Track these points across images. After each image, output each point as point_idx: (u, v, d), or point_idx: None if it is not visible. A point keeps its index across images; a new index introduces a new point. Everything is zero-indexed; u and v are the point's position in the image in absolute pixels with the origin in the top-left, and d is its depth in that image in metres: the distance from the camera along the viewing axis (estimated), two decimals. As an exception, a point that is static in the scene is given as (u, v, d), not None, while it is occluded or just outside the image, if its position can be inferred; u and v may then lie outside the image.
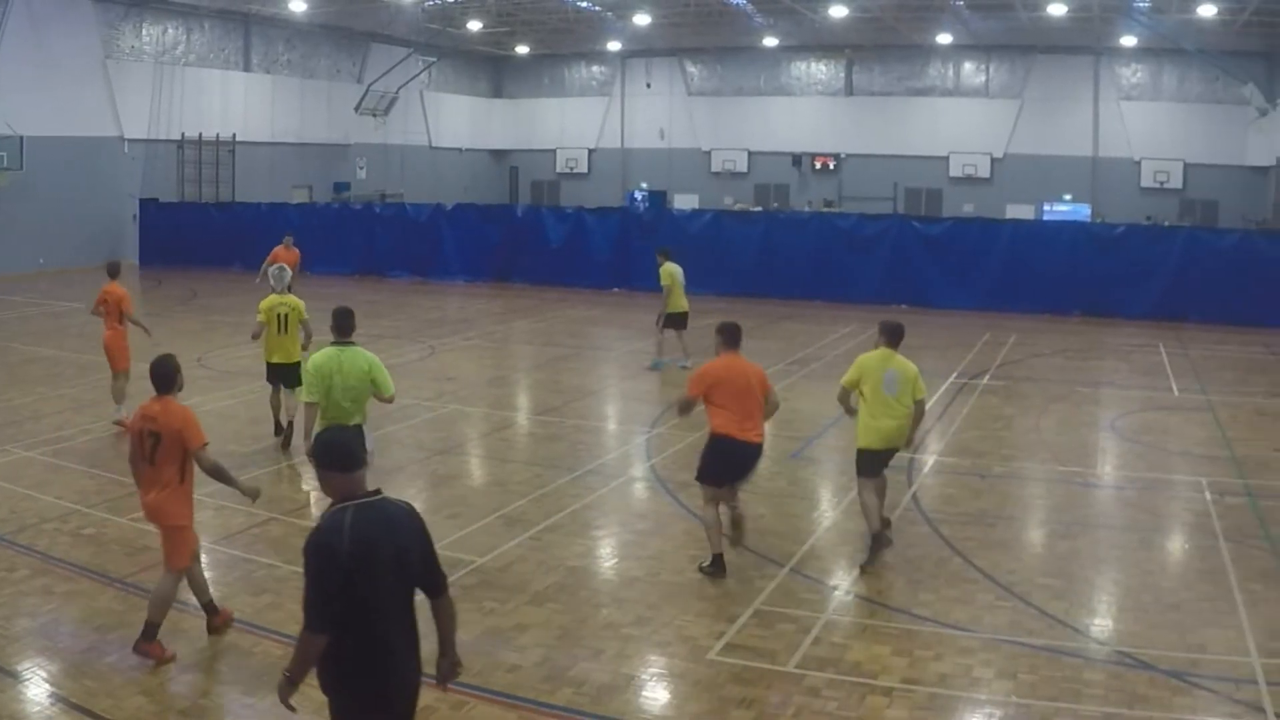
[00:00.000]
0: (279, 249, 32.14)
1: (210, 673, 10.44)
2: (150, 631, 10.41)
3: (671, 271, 26.25)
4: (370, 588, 6.70)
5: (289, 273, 19.98)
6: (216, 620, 11.05)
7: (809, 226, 43.40)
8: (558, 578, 12.85)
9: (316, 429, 13.06)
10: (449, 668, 7.70)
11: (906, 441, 14.12)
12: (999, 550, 14.03)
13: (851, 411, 14.02)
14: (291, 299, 18.80)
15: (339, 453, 6.89)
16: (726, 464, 13.41)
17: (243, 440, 18.94)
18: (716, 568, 12.91)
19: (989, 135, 65.63)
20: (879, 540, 13.41)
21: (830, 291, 39.19)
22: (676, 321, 26.13)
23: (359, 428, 13.53)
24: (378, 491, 7.03)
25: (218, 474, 10.74)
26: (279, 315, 18.42)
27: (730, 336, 13.65)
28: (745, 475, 13.87)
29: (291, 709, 7.16)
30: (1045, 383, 25.90)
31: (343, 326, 14.04)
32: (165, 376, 10.74)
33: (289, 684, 7.00)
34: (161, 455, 10.45)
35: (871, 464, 13.77)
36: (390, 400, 14.36)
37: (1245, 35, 54.47)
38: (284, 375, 18.50)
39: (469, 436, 20.20)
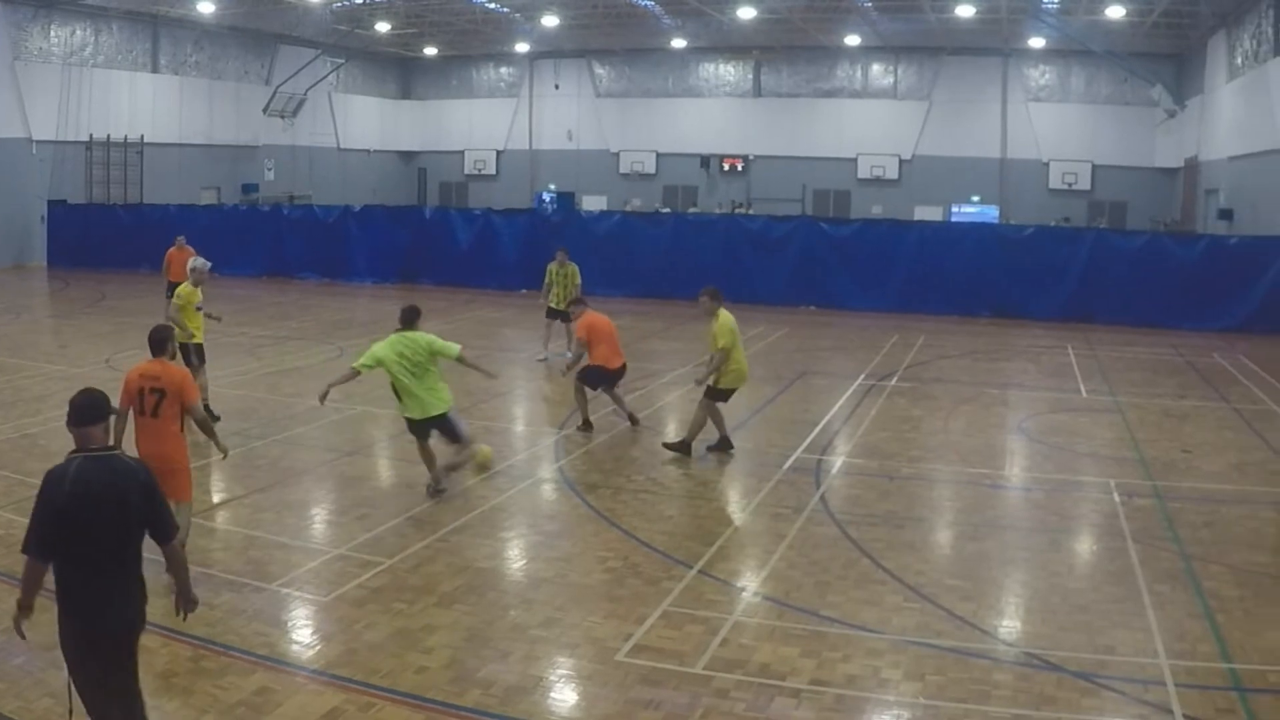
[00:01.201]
0: (172, 250, 31.78)
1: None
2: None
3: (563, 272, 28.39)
4: (85, 524, 7.48)
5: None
6: None
7: (717, 228, 43.48)
8: (466, 579, 12.74)
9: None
10: (183, 603, 8.64)
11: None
12: (907, 551, 14.02)
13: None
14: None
15: (75, 409, 7.83)
16: (604, 376, 19.73)
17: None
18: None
19: (897, 137, 66.24)
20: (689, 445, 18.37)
21: (739, 293, 38.97)
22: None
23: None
24: (114, 448, 8.04)
25: (204, 426, 12.63)
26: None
27: (579, 304, 20.73)
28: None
29: (22, 636, 7.79)
30: (954, 384, 26.05)
31: (408, 318, 16.35)
32: (161, 342, 12.29)
33: (18, 609, 7.77)
34: (165, 409, 11.93)
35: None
36: (458, 359, 16.23)
37: (1153, 37, 55.21)
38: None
39: (377, 438, 19.99)
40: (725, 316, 18.19)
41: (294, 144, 66.14)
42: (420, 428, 16.00)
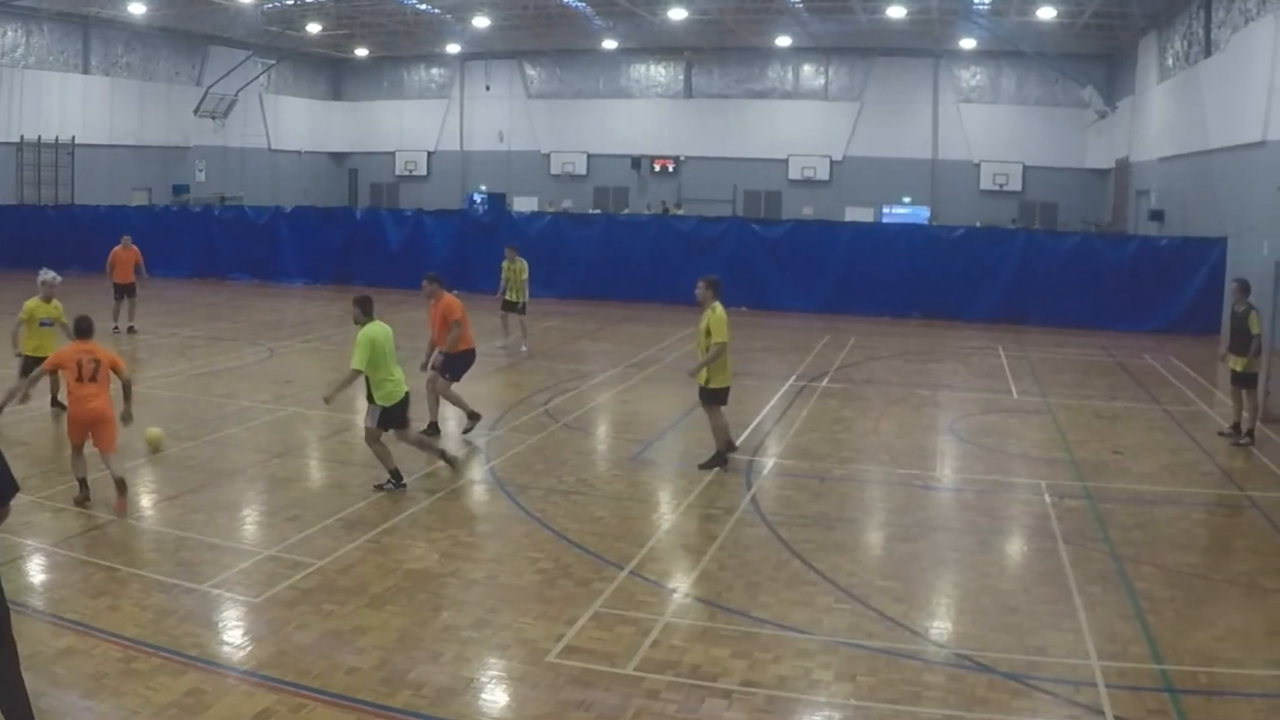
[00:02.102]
0: (118, 249, 31.59)
1: (47, 674, 10.09)
2: (120, 486, 14.95)
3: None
4: None
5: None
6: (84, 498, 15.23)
7: (648, 229, 43.59)
8: (397, 580, 12.70)
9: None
10: None
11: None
12: (838, 553, 14.05)
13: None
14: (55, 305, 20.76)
15: None
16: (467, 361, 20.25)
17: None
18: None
19: (828, 138, 66.63)
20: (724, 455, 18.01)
21: (670, 294, 39.17)
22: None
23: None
24: None
25: (129, 388, 15.71)
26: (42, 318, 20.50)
27: (433, 282, 20.33)
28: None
29: None
30: (885, 385, 26.17)
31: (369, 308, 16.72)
32: (88, 329, 15.89)
33: None
34: (100, 375, 15.21)
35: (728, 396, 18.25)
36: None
37: (1084, 38, 55.70)
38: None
39: (308, 439, 19.92)
40: (721, 310, 17.99)
41: (225, 145, 65.93)
42: (394, 414, 16.45)
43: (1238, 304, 21.16)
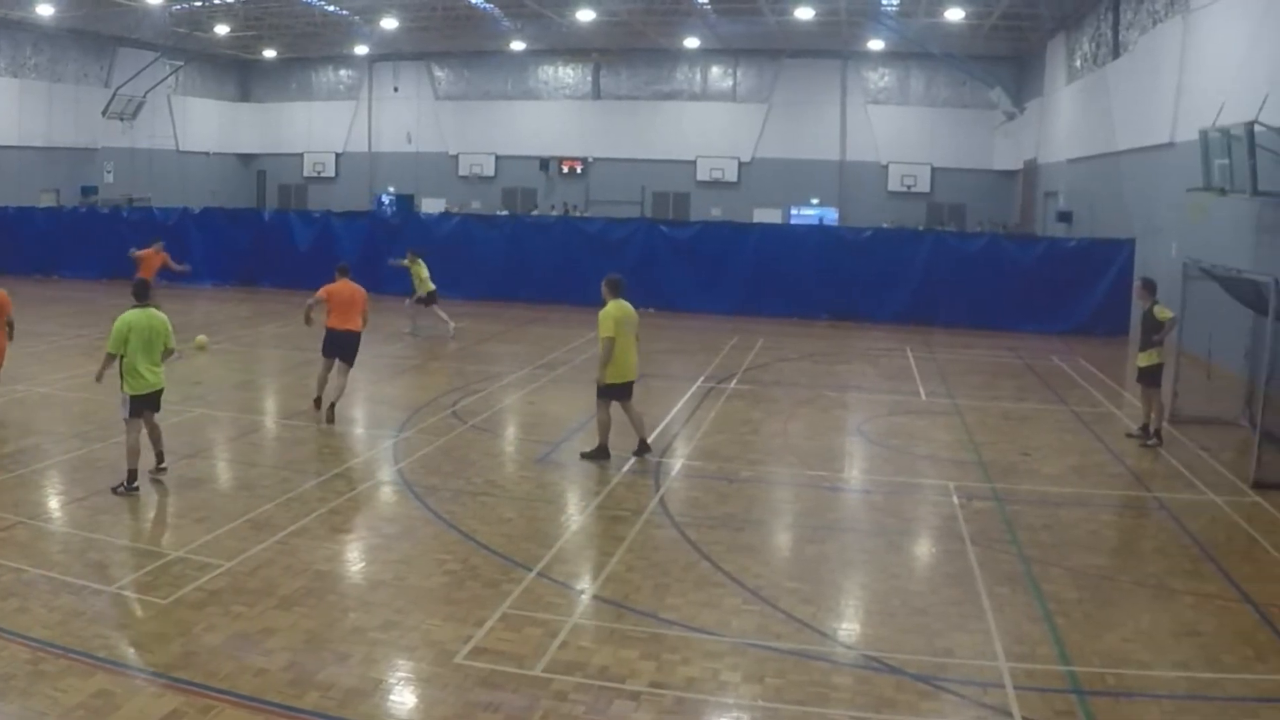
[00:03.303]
0: (148, 250, 31.62)
1: (-47, 677, 10.03)
2: None
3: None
4: None
5: None
6: None
7: (555, 230, 43.49)
8: (305, 582, 12.64)
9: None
10: None
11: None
12: (746, 554, 14.07)
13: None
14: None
15: None
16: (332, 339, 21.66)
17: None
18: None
19: (736, 139, 67.00)
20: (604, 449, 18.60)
21: (578, 295, 39.07)
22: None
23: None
24: None
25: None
26: None
27: (344, 271, 22.57)
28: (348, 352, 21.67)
29: None
30: (792, 386, 26.27)
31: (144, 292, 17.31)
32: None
33: None
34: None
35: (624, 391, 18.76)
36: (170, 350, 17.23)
37: (992, 39, 56.26)
38: None
39: (216, 441, 19.74)
40: (611, 307, 18.46)
41: (133, 146, 65.45)
42: (146, 401, 16.68)
43: (1143, 302, 21.43)
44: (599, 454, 18.49)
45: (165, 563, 13.12)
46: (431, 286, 32.56)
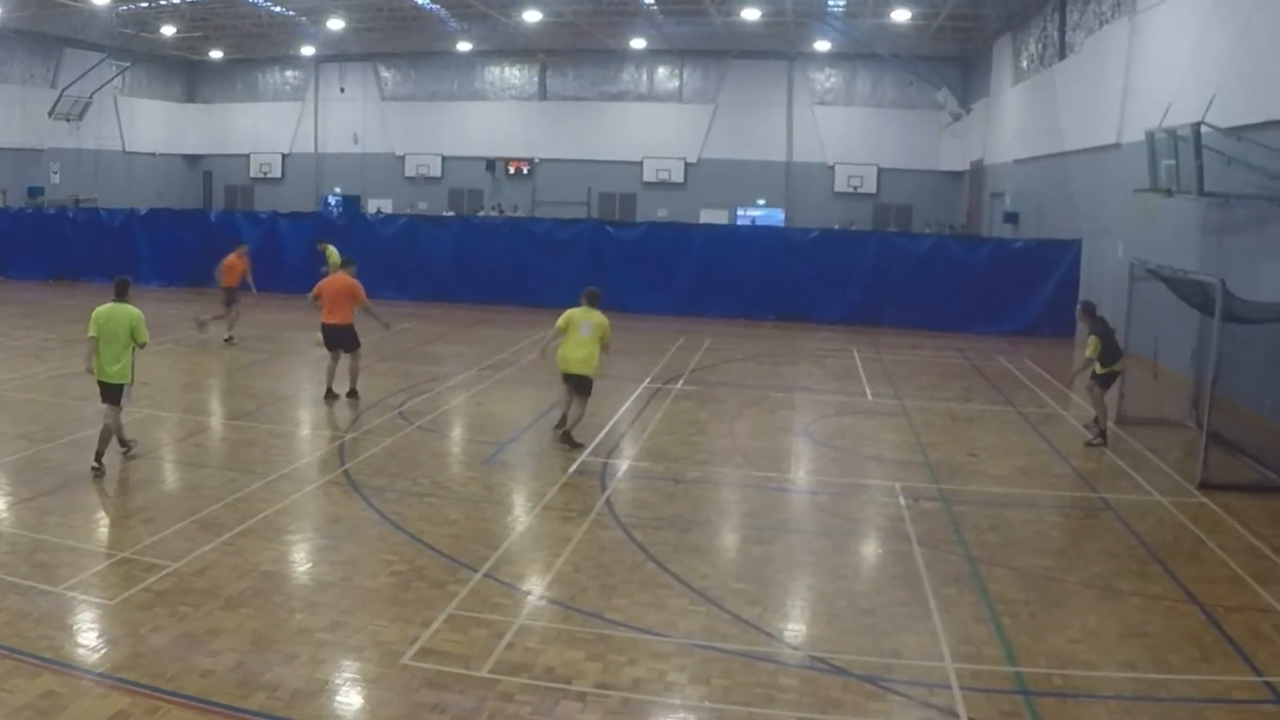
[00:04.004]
0: (231, 257, 31.57)
1: None
2: None
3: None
4: None
5: None
6: None
7: (502, 231, 43.36)
8: (251, 583, 12.63)
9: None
10: None
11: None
12: (693, 555, 14.09)
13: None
14: None
15: None
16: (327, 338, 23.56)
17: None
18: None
19: (683, 140, 67.11)
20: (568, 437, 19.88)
21: (525, 296, 39.28)
22: None
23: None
24: None
25: None
26: None
27: (347, 264, 24.59)
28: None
29: None
30: (739, 387, 26.31)
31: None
32: None
33: None
34: None
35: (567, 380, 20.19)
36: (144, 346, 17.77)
37: (939, 40, 56.48)
38: None
39: (163, 441, 19.62)
40: (571, 310, 20.65)
41: (80, 147, 65.11)
42: (104, 391, 17.44)
43: (1083, 324, 21.79)
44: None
45: (112, 563, 13.11)
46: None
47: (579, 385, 19.94)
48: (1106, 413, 21.49)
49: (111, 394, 17.27)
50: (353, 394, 23.11)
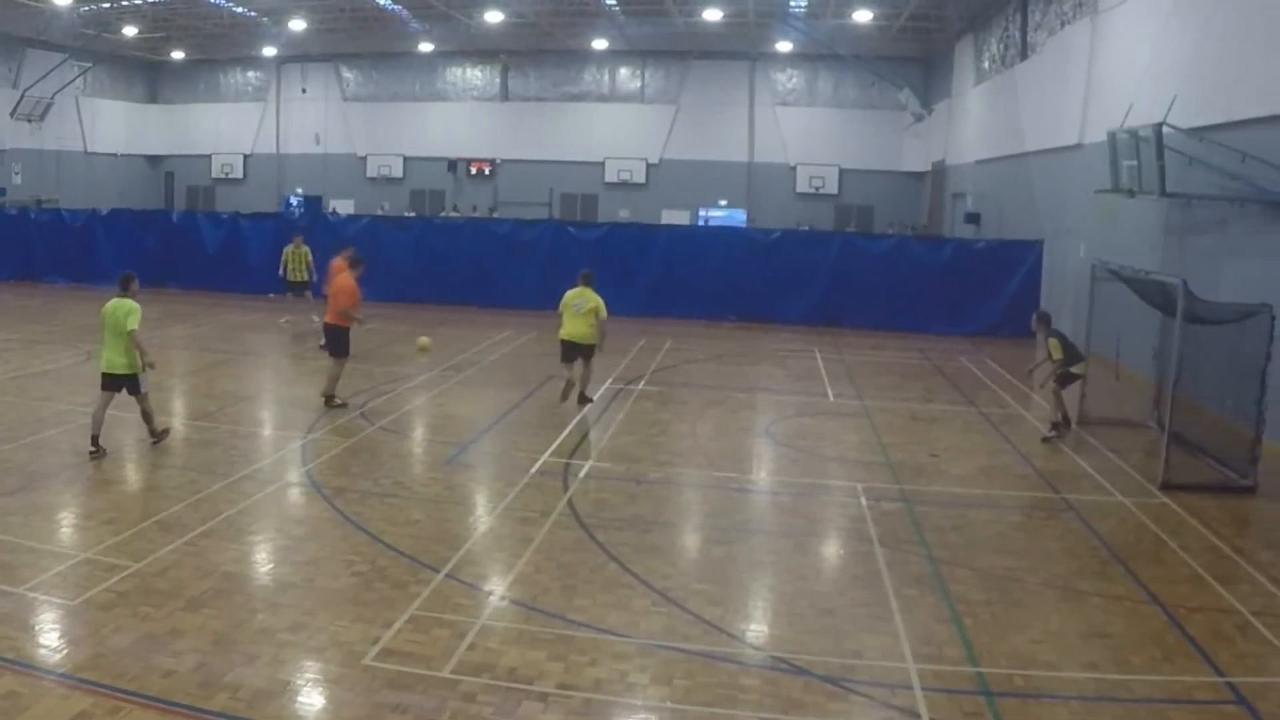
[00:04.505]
0: (337, 260, 31.48)
1: None
2: None
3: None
4: None
5: None
6: None
7: (464, 232, 43.27)
8: (213, 583, 12.61)
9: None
10: None
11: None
12: (654, 555, 14.11)
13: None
14: None
15: None
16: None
17: None
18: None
19: (645, 140, 67.18)
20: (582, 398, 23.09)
21: (487, 297, 39.36)
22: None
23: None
24: None
25: None
26: None
27: (355, 264, 24.27)
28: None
29: None
30: (701, 388, 26.32)
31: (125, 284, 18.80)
32: None
33: None
34: None
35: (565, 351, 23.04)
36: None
37: (901, 41, 56.75)
38: None
39: (124, 442, 19.46)
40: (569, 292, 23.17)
41: (41, 148, 64.98)
42: (106, 380, 18.42)
43: (1040, 333, 21.99)
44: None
45: (73, 564, 13.04)
46: (304, 278, 34.92)
47: (583, 352, 23.01)
48: (1063, 403, 21.63)
49: (116, 384, 18.32)
50: (327, 400, 22.69)
